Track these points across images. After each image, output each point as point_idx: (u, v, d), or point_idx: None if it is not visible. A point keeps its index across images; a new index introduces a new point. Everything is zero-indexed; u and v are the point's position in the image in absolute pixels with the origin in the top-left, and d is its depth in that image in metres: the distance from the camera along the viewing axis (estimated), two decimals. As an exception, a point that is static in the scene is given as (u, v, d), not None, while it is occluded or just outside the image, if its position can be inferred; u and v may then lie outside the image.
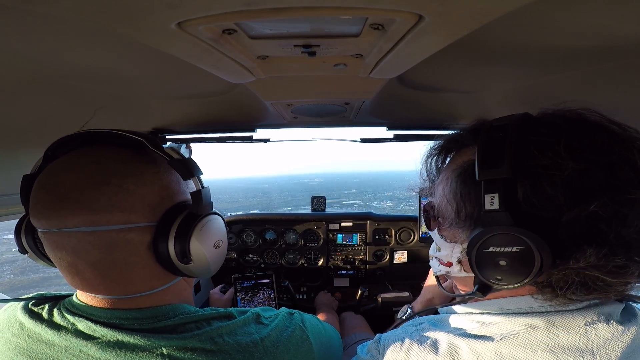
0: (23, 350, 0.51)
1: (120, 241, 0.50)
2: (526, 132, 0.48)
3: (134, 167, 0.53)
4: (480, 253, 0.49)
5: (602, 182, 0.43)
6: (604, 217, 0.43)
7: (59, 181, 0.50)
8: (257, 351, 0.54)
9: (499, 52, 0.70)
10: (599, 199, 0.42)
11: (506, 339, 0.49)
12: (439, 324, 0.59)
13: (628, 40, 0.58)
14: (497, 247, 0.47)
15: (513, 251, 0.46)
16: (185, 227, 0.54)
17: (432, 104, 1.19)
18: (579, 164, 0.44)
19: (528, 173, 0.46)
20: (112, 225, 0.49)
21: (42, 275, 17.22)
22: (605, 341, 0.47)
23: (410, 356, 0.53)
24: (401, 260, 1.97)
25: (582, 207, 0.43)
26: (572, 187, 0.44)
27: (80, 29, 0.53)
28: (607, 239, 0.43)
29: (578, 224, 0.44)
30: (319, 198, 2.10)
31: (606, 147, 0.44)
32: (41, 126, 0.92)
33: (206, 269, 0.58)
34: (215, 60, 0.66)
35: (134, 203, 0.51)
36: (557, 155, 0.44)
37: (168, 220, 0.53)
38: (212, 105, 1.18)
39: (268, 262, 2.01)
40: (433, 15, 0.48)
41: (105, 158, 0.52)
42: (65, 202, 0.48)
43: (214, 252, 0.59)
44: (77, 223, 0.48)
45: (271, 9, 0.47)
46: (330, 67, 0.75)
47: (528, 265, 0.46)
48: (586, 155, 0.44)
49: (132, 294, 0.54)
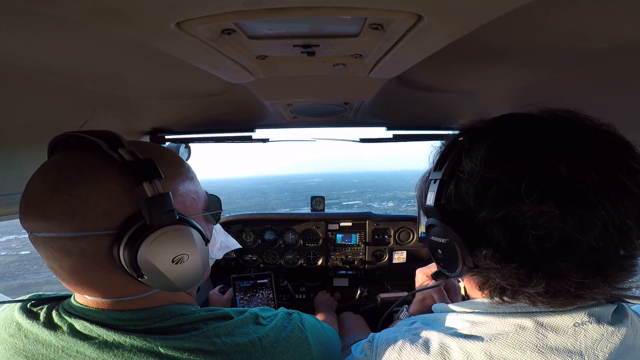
0: (20, 350, 0.51)
1: (75, 248, 0.48)
2: (474, 138, 0.52)
3: (89, 172, 0.49)
4: (429, 240, 0.57)
5: (507, 191, 0.45)
6: (508, 224, 0.46)
7: (29, 186, 0.50)
8: (255, 351, 0.53)
9: (498, 52, 0.70)
10: (503, 207, 0.45)
11: (496, 339, 0.49)
12: (432, 323, 0.59)
13: (628, 41, 0.59)
14: (435, 237, 0.55)
15: (442, 242, 0.53)
16: (134, 240, 0.48)
17: (431, 104, 1.19)
18: (490, 173, 0.47)
19: (454, 176, 0.52)
20: (64, 233, 0.47)
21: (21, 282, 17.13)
22: (594, 342, 0.47)
23: (403, 355, 0.54)
24: (400, 260, 1.98)
25: (488, 212, 0.46)
26: (480, 193, 0.48)
27: (79, 29, 0.53)
28: (501, 244, 0.46)
29: (487, 227, 0.47)
30: (318, 198, 2.10)
31: (531, 155, 0.45)
32: (41, 126, 0.91)
33: (167, 284, 0.52)
34: (214, 60, 0.66)
35: (84, 211, 0.47)
36: (475, 163, 0.49)
37: (125, 229, 0.49)
38: (212, 105, 1.18)
39: (267, 262, 2.01)
40: (432, 15, 0.48)
41: (65, 163, 0.50)
42: (28, 207, 0.49)
43: (173, 268, 0.51)
44: (38, 228, 0.48)
45: (270, 9, 0.47)
46: (330, 67, 0.75)
47: (454, 257, 0.52)
48: (500, 166, 0.46)
49: (116, 297, 0.53)
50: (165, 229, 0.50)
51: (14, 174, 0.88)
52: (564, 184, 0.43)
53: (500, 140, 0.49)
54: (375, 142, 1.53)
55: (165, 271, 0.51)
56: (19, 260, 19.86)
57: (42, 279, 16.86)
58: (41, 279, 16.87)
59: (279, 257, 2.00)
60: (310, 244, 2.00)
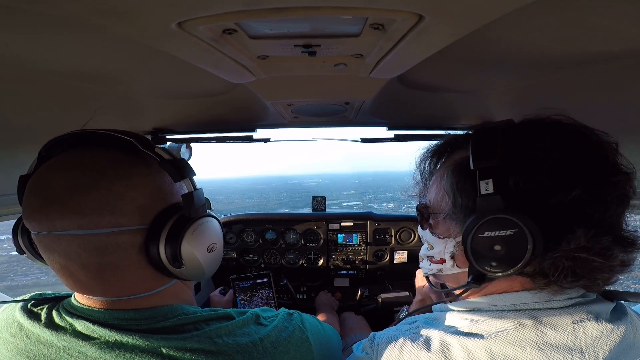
0: (21, 350, 0.51)
1: (111, 244, 0.50)
2: (514, 131, 0.53)
3: (124, 169, 0.52)
4: (476, 239, 0.50)
5: (582, 169, 0.48)
6: (588, 200, 0.46)
7: (49, 184, 0.49)
8: (256, 352, 0.54)
9: (499, 52, 0.70)
10: (581, 184, 0.46)
11: (496, 336, 0.49)
12: (433, 321, 0.60)
13: (629, 42, 0.58)
14: (492, 231, 0.49)
15: (507, 235, 0.48)
16: (177, 231, 0.52)
17: (432, 103, 1.19)
18: (562, 153, 0.48)
19: (518, 161, 0.49)
20: (102, 229, 0.49)
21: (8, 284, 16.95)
22: (594, 339, 0.47)
23: (404, 353, 0.54)
24: (401, 260, 1.97)
25: (566, 192, 0.46)
26: (556, 173, 0.47)
27: (80, 29, 0.53)
28: (592, 220, 0.47)
29: (565, 208, 0.47)
30: (319, 198, 2.10)
31: (581, 143, 0.50)
32: (41, 126, 0.92)
33: (199, 273, 0.57)
34: (215, 60, 0.66)
35: (123, 206, 0.50)
36: (543, 146, 0.49)
37: (159, 223, 0.52)
38: (213, 105, 1.18)
39: (268, 262, 2.01)
40: (433, 15, 0.47)
41: (95, 160, 0.52)
42: (54, 206, 0.48)
43: (207, 256, 0.57)
44: (66, 226, 0.48)
45: (271, 9, 0.47)
46: (331, 67, 0.75)
47: (522, 249, 0.47)
48: (568, 147, 0.49)
49: (126, 295, 0.54)
50: (201, 220, 0.56)
51: (15, 175, 0.88)
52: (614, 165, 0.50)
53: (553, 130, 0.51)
54: (376, 142, 1.53)
55: (201, 259, 0.56)
56: (8, 262, 19.64)
57: (30, 280, 16.74)
58: (29, 280, 16.73)
59: (280, 257, 2.00)
60: (311, 244, 2.00)
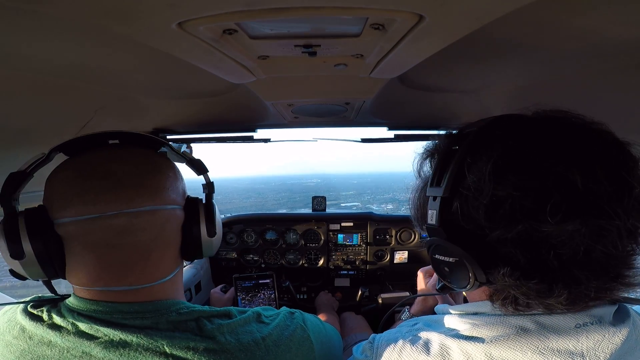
0: (25, 352, 0.51)
1: (172, 217, 0.60)
2: (473, 149, 0.49)
3: (165, 163, 0.63)
4: (433, 258, 0.56)
5: (522, 208, 0.43)
6: (525, 241, 0.44)
7: (112, 169, 0.56)
8: (258, 350, 0.54)
9: (499, 52, 0.70)
10: (518, 225, 0.43)
11: (496, 340, 0.49)
12: (433, 324, 0.59)
13: (629, 42, 0.58)
14: (440, 255, 0.53)
15: (450, 261, 0.52)
16: (210, 209, 0.66)
17: (432, 103, 1.19)
18: (501, 189, 0.44)
19: (458, 193, 0.49)
20: (169, 205, 0.60)
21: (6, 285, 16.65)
22: (595, 342, 0.47)
23: (403, 356, 0.54)
24: (402, 261, 1.97)
25: (502, 230, 0.45)
26: (492, 211, 0.45)
27: (80, 28, 0.53)
28: (519, 262, 0.45)
29: (501, 245, 0.45)
30: (319, 198, 2.10)
31: (542, 167, 0.43)
32: (42, 126, 0.92)
33: (217, 244, 0.70)
34: (215, 60, 0.66)
35: (177, 188, 0.63)
36: (481, 179, 0.46)
37: (192, 205, 0.65)
38: (213, 106, 1.18)
39: (269, 262, 2.01)
40: (433, 15, 0.48)
41: (147, 155, 0.62)
42: (126, 187, 0.55)
43: (220, 229, 0.70)
44: (141, 203, 0.55)
45: (272, 9, 0.47)
46: (331, 67, 0.75)
47: (465, 275, 0.50)
48: (510, 181, 0.44)
49: (145, 283, 0.56)
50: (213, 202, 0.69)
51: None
52: (581, 196, 0.41)
53: (505, 152, 0.46)
54: (376, 142, 1.52)
55: (218, 230, 0.68)
56: (1, 261, 19.44)
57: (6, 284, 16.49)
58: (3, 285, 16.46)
59: (280, 257, 2.00)
60: (312, 244, 2.00)
